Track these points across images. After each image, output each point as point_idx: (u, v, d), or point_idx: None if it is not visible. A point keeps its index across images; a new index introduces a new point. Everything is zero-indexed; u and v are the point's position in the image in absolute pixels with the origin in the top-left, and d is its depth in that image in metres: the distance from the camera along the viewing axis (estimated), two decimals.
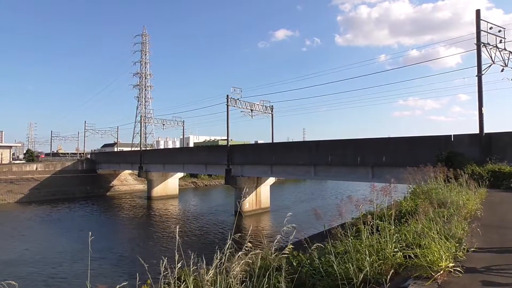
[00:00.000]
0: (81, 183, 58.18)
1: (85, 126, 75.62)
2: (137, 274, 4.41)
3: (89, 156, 79.28)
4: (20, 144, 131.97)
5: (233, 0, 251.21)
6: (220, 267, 4.08)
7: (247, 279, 4.39)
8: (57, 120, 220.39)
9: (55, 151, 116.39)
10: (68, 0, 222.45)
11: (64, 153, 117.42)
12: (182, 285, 3.94)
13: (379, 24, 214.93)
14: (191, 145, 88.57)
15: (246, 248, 4.53)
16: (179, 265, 4.02)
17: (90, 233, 3.84)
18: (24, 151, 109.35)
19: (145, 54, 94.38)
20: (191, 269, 4.03)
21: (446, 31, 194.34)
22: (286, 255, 5.07)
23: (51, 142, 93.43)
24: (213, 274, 4.04)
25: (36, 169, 58.32)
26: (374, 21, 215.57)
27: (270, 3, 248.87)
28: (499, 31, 21.56)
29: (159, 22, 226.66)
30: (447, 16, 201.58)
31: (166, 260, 3.82)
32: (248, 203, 37.30)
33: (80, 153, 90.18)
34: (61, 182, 56.45)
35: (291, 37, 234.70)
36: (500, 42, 21.58)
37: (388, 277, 4.11)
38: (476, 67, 20.80)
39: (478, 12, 21.07)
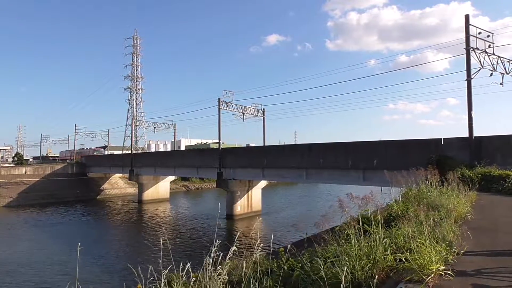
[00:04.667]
0: (71, 186, 57.46)
1: (75, 129, 75.06)
2: (124, 282, 4.33)
3: (79, 159, 78.41)
4: (9, 147, 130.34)
5: (224, 5, 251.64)
6: (209, 271, 4.01)
7: (238, 283, 4.34)
8: (47, 123, 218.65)
9: (45, 155, 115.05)
10: (60, 2, 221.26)
11: (54, 157, 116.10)
12: None
13: (368, 30, 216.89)
14: (183, 148, 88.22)
15: (237, 252, 4.47)
16: (166, 271, 3.95)
17: (79, 244, 3.73)
18: (13, 154, 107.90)
19: (136, 57, 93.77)
20: (180, 274, 3.96)
21: (434, 37, 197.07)
22: (277, 259, 5.03)
23: (40, 145, 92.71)
24: (202, 278, 3.98)
25: (25, 172, 57.49)
26: (363, 27, 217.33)
27: (262, 9, 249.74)
28: (488, 36, 21.82)
29: (151, 26, 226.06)
30: (434, 22, 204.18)
31: (152, 266, 3.75)
32: (240, 206, 37.19)
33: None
34: (51, 186, 55.69)
35: (282, 42, 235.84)
36: (489, 47, 21.83)
37: (375, 280, 4.09)
38: (465, 72, 21.05)
39: (467, 17, 21.33)
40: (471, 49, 20.98)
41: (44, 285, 18.62)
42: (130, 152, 63.19)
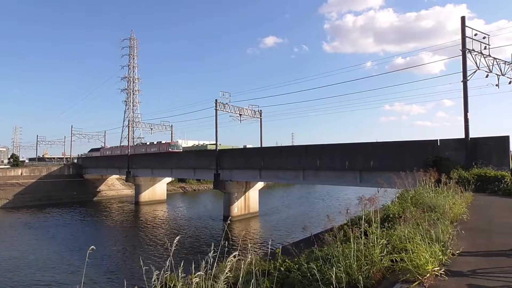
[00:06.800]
0: (68, 188, 57.30)
1: (71, 130, 74.72)
2: (124, 281, 4.33)
3: (75, 160, 78.11)
4: (4, 149, 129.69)
5: (221, 7, 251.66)
6: (208, 273, 4.02)
7: (234, 284, 4.34)
8: (43, 124, 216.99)
9: (41, 156, 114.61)
10: (57, 3, 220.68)
11: (50, 158, 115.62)
12: None
13: (365, 32, 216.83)
14: (180, 149, 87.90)
15: (234, 254, 4.48)
16: (161, 272, 3.96)
17: (92, 247, 3.68)
18: (9, 156, 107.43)
19: (133, 58, 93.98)
20: (180, 275, 3.97)
21: (429, 39, 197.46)
22: (274, 260, 5.04)
23: (36, 146, 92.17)
24: (199, 280, 3.98)
25: (21, 174, 57.30)
26: (359, 29, 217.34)
27: (259, 11, 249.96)
28: (484, 38, 21.93)
29: (148, 27, 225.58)
30: (430, 24, 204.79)
31: (149, 268, 3.75)
32: (237, 208, 37.16)
33: (66, 158, 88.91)
34: (47, 187, 55.54)
35: (279, 44, 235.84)
36: (485, 48, 21.94)
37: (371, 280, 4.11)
38: (461, 73, 21.13)
39: (463, 19, 21.41)
40: (467, 50, 21.07)
41: (43, 285, 18.56)
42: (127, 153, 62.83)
